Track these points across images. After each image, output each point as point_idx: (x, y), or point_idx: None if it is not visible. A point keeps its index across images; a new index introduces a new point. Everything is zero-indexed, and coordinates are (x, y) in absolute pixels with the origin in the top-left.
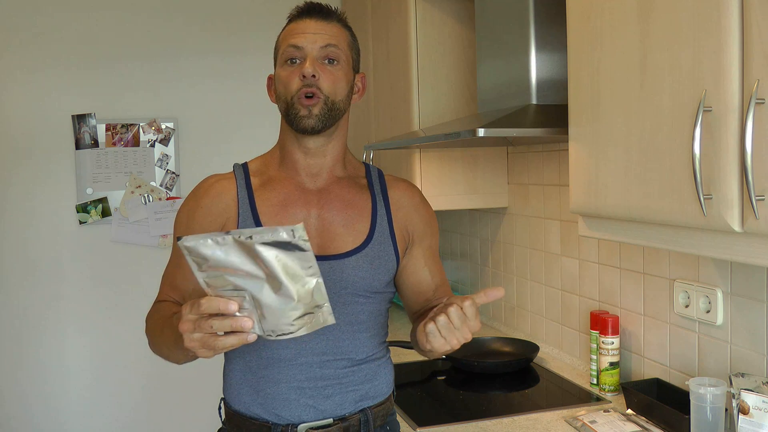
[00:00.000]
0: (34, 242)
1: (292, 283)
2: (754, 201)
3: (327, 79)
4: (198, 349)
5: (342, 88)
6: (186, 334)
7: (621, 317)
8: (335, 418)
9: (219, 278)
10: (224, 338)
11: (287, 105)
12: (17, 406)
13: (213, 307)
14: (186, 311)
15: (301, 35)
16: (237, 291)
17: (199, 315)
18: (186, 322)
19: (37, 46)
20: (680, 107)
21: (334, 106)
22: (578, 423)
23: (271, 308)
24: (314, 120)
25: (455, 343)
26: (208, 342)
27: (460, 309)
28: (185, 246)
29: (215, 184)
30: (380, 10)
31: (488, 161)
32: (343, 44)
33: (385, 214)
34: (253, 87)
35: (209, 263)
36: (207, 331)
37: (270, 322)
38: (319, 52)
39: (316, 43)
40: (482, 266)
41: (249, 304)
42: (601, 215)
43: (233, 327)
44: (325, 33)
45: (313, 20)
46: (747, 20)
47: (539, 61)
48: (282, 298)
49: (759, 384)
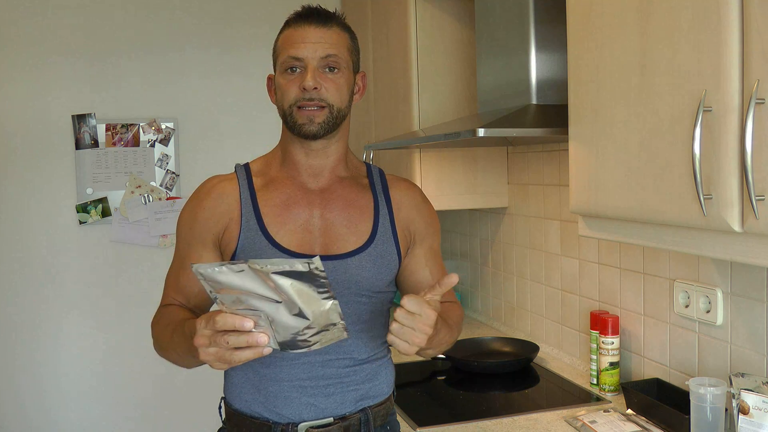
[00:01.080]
0: (34, 242)
1: (307, 306)
2: (754, 201)
3: (329, 88)
4: (213, 362)
5: (344, 94)
6: (201, 348)
7: (621, 317)
8: (335, 417)
9: (233, 299)
10: (240, 352)
11: (286, 114)
12: (15, 406)
13: (228, 324)
14: (201, 326)
15: (301, 44)
16: (251, 310)
17: (215, 331)
18: (201, 337)
19: (37, 45)
20: (680, 107)
21: (339, 114)
22: (578, 423)
23: (286, 327)
24: (316, 127)
25: (418, 341)
26: (224, 356)
27: (404, 309)
28: (199, 272)
29: (217, 185)
30: (380, 10)
31: (488, 161)
32: (342, 50)
33: (387, 213)
34: (254, 87)
35: (223, 286)
36: (222, 346)
37: (284, 337)
38: (319, 62)
39: (316, 52)
40: (482, 266)
41: (264, 322)
42: (601, 215)
43: (249, 343)
44: (325, 41)
45: (312, 27)
46: (747, 20)
47: (539, 61)
48: (296, 318)
49: (759, 384)
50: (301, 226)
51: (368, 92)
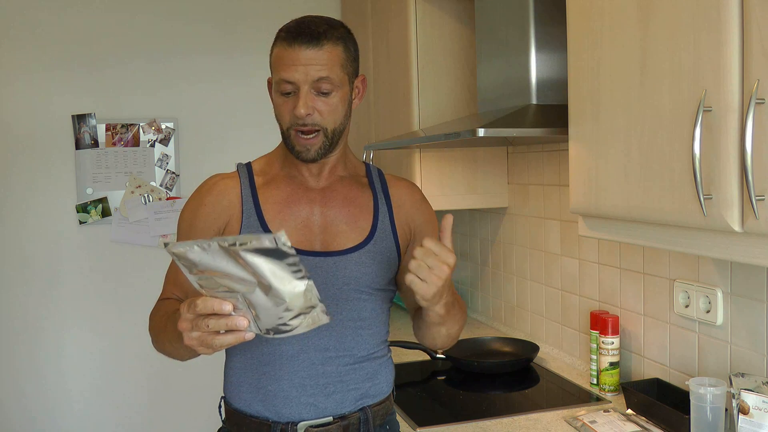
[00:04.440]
0: (34, 242)
1: (281, 286)
2: (754, 201)
3: (323, 112)
4: (197, 346)
5: (340, 113)
6: (185, 333)
7: (621, 317)
8: (335, 416)
9: (210, 280)
10: (222, 336)
11: (285, 135)
12: (16, 406)
13: (208, 308)
14: (184, 310)
15: (292, 67)
16: (230, 293)
17: (196, 314)
18: (184, 321)
19: (37, 46)
20: (680, 107)
21: (334, 135)
22: (578, 423)
23: (264, 309)
24: (313, 154)
25: (435, 279)
26: (206, 340)
27: (424, 247)
28: (173, 252)
29: (219, 183)
30: (380, 10)
31: (488, 161)
32: (335, 69)
33: (386, 211)
34: (253, 87)
35: (199, 267)
36: (204, 330)
37: (265, 322)
38: (311, 84)
39: (307, 75)
40: (482, 266)
41: (242, 305)
42: (601, 215)
43: (229, 326)
44: (317, 63)
45: (303, 48)
46: (747, 20)
47: (539, 61)
48: (273, 299)
49: (759, 384)
50: (301, 223)
51: (368, 92)
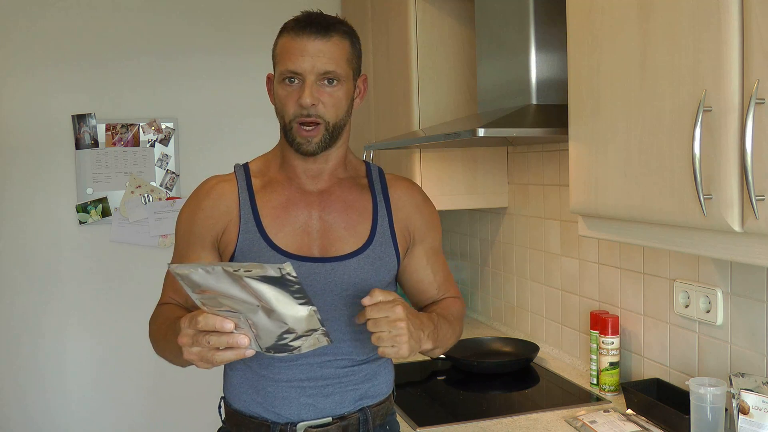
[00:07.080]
0: (34, 242)
1: (284, 311)
2: (754, 201)
3: (327, 103)
4: (197, 361)
5: (343, 107)
6: (185, 348)
7: (621, 317)
8: (334, 416)
9: (213, 300)
10: (222, 353)
11: (285, 126)
12: (16, 407)
13: (209, 325)
14: (185, 325)
15: (299, 57)
16: (232, 312)
17: (197, 330)
18: (184, 336)
19: (37, 45)
20: (680, 107)
21: (335, 129)
22: (578, 423)
23: (265, 329)
24: (314, 146)
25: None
26: (206, 356)
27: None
28: (176, 273)
29: (216, 186)
30: (380, 10)
31: (488, 161)
32: (342, 62)
33: (386, 214)
34: (253, 87)
35: (202, 288)
36: (204, 346)
37: (266, 341)
38: (317, 76)
39: (314, 67)
40: (482, 266)
41: (244, 324)
42: (601, 215)
43: (229, 344)
44: (324, 55)
45: (311, 38)
46: (747, 20)
47: (539, 61)
48: (275, 322)
49: (759, 384)
50: (299, 228)
51: (368, 92)
